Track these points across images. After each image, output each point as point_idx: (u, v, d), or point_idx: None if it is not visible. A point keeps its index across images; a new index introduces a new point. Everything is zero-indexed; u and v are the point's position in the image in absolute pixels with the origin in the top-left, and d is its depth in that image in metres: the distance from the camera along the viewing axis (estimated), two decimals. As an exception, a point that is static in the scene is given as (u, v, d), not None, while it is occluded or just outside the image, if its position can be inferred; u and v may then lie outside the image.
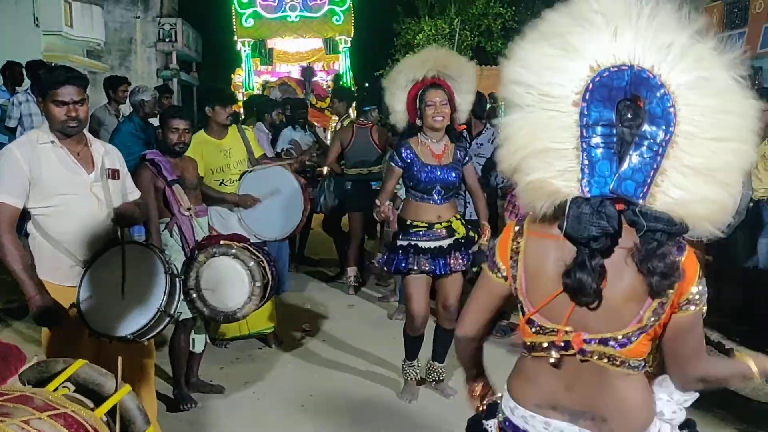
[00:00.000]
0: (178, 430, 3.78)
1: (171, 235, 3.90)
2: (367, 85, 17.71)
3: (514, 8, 23.81)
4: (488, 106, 6.44)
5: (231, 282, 3.69)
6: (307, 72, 11.95)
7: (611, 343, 1.58)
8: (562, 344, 1.61)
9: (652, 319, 1.56)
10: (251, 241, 4.12)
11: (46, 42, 15.81)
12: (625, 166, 1.50)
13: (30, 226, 2.97)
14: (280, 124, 6.99)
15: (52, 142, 2.92)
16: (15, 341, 4.69)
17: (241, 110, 8.97)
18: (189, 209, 3.94)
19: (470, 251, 3.96)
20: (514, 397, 1.73)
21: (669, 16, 1.52)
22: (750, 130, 1.53)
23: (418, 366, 4.18)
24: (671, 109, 1.49)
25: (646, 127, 1.50)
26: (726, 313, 5.43)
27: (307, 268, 7.36)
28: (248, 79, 16.33)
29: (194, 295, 3.65)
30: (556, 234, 1.56)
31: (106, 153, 3.09)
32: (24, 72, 7.69)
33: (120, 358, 2.01)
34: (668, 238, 1.52)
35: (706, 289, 1.62)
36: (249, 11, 16.79)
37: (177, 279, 2.92)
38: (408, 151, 3.93)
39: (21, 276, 2.83)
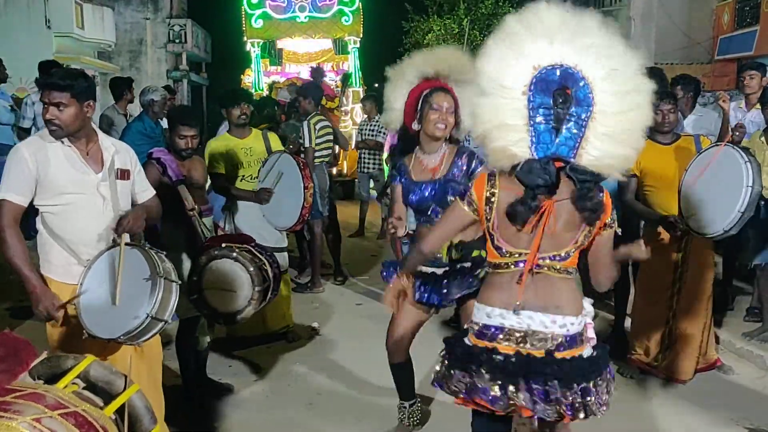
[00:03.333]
0: (186, 428, 3.79)
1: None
2: (376, 85, 17.75)
3: (522, 8, 23.75)
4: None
5: (231, 285, 3.70)
6: (317, 73, 11.93)
7: (557, 257, 2.30)
8: (519, 262, 2.29)
9: (584, 240, 2.31)
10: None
11: (58, 44, 15.92)
12: (560, 136, 2.17)
13: (38, 224, 2.99)
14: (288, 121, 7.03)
15: (61, 141, 2.94)
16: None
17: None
18: (193, 210, 3.95)
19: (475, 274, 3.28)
20: (490, 304, 2.34)
21: (592, 20, 2.16)
22: (645, 103, 2.20)
23: (417, 405, 3.70)
24: (590, 95, 2.15)
25: (573, 109, 2.16)
26: (736, 311, 5.41)
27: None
28: (258, 79, 16.34)
29: (195, 296, 3.66)
30: (518, 188, 2.22)
31: (117, 152, 3.08)
32: (5, 70, 7.79)
33: (130, 356, 2.01)
34: (594, 185, 2.21)
35: (616, 216, 2.39)
36: (258, 12, 16.78)
37: (173, 284, 2.89)
38: (401, 165, 3.46)
39: (23, 269, 2.86)
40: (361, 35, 16.83)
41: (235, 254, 3.71)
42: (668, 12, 16.49)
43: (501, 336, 2.30)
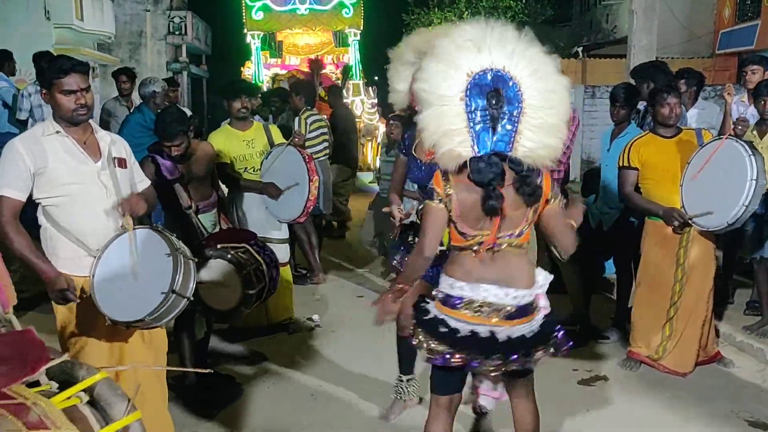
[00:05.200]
0: (187, 419, 3.80)
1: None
2: (377, 78, 17.68)
3: (524, 1, 23.70)
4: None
5: (224, 285, 3.70)
6: (316, 65, 11.90)
7: (513, 235, 2.57)
8: (481, 242, 2.56)
9: (533, 216, 2.59)
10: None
11: (57, 35, 15.83)
12: (497, 134, 2.44)
13: (41, 218, 2.98)
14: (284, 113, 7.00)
15: (58, 132, 2.92)
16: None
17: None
18: (189, 208, 3.95)
19: None
20: (453, 277, 2.61)
21: (510, 31, 2.45)
22: (565, 98, 2.49)
23: (414, 381, 3.79)
24: (519, 93, 2.42)
25: (506, 107, 2.42)
26: (736, 305, 5.41)
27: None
28: (258, 71, 16.29)
29: None
30: (467, 179, 2.49)
31: (112, 142, 3.08)
32: (15, 64, 7.76)
33: (139, 386, 1.93)
34: (530, 172, 2.48)
35: (559, 189, 2.70)
36: (259, 4, 16.72)
37: (191, 261, 2.90)
38: (409, 135, 3.59)
39: (31, 259, 2.84)
40: (362, 28, 16.79)
41: (229, 256, 3.71)
42: (670, 6, 16.48)
43: (461, 304, 2.58)
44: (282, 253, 4.93)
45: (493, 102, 2.41)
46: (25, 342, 1.69)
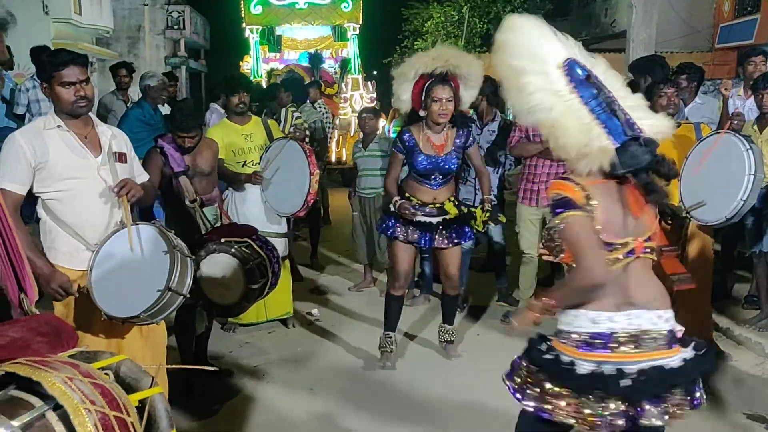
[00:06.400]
0: (187, 413, 3.81)
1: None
2: (375, 72, 17.69)
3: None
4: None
5: (227, 281, 3.70)
6: (315, 59, 11.91)
7: (650, 239, 2.21)
8: (630, 251, 2.18)
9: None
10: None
11: (56, 29, 15.80)
12: (621, 117, 2.16)
13: (40, 211, 2.98)
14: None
15: (59, 126, 2.92)
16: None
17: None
18: (194, 201, 3.95)
19: (466, 229, 4.32)
20: (595, 309, 2.15)
21: (563, 34, 2.27)
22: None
23: (395, 339, 4.46)
24: (598, 78, 2.19)
25: (607, 92, 2.17)
26: (735, 299, 5.42)
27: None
28: (256, 66, 16.28)
29: (193, 286, 3.67)
30: (602, 179, 2.18)
31: (113, 136, 3.09)
32: (13, 57, 7.73)
33: (159, 366, 2.03)
34: (663, 160, 2.18)
35: None
36: (257, -2, 16.75)
37: (188, 258, 2.90)
38: (409, 137, 4.23)
39: (30, 256, 2.83)
40: (361, 22, 16.79)
41: (233, 250, 3.72)
42: (669, 0, 16.42)
43: (612, 344, 2.12)
44: (281, 247, 4.93)
45: (599, 87, 2.15)
46: (59, 323, 1.81)
